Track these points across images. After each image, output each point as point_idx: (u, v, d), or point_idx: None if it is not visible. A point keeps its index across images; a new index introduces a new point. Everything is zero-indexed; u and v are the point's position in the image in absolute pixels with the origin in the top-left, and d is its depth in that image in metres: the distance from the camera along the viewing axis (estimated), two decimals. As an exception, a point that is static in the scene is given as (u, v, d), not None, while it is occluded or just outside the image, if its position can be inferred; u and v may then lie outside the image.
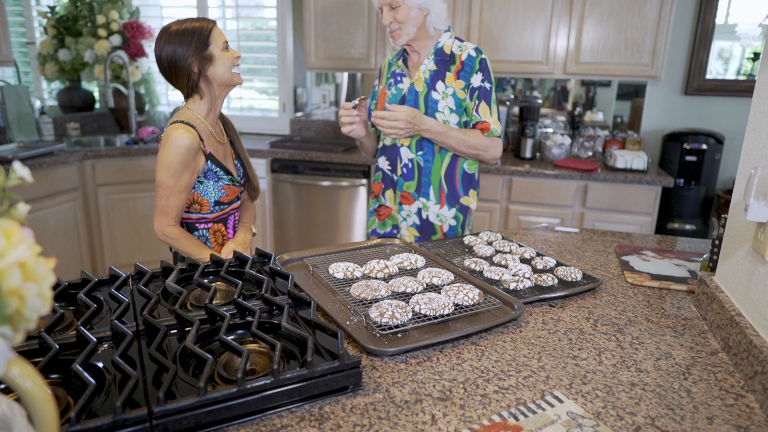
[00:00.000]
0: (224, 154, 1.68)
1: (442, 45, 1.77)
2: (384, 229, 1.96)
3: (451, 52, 1.77)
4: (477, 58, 1.75)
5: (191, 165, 1.53)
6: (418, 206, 1.85)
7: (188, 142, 1.50)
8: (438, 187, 1.83)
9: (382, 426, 0.78)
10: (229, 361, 0.89)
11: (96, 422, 0.67)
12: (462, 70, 1.75)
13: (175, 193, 1.53)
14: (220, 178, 1.61)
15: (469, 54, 1.75)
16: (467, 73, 1.75)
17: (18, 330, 0.45)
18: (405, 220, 1.88)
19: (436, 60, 1.77)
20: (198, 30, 1.53)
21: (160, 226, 1.58)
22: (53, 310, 1.00)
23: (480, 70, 1.75)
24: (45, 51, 3.81)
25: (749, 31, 2.91)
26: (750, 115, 1.09)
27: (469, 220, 1.90)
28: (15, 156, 2.94)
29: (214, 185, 1.61)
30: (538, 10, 3.15)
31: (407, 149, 1.82)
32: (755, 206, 0.92)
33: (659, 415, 0.82)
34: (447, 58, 1.77)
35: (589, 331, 1.10)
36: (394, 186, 1.89)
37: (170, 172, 1.51)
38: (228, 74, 1.57)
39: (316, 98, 4.18)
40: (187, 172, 1.53)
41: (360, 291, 1.17)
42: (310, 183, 3.48)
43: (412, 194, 1.85)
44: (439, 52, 1.77)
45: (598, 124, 3.60)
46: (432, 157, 1.81)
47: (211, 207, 1.63)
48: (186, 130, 1.51)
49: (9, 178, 0.48)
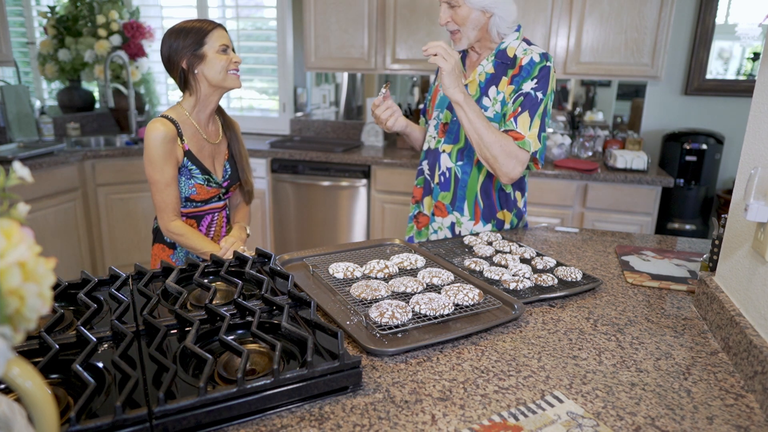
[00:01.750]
0: (211, 153, 1.69)
1: (505, 46, 1.61)
2: (420, 238, 1.82)
3: (514, 55, 1.59)
4: (539, 65, 1.56)
5: (171, 155, 1.57)
6: (451, 220, 1.74)
7: (162, 134, 1.55)
8: (474, 202, 1.71)
9: (382, 426, 0.78)
10: (229, 361, 0.89)
11: (96, 422, 0.67)
12: (518, 74, 1.57)
13: (164, 186, 1.58)
14: (193, 176, 1.64)
15: (532, 59, 1.57)
16: (522, 78, 1.57)
17: (18, 330, 0.45)
18: (435, 232, 1.77)
19: (496, 62, 1.61)
20: (197, 29, 1.57)
21: (164, 223, 1.61)
22: (53, 310, 1.00)
23: (537, 77, 1.55)
24: (45, 51, 3.81)
25: (749, 31, 2.91)
26: (750, 115, 1.09)
27: None
28: (15, 156, 2.94)
29: (185, 182, 1.64)
30: (538, 10, 3.15)
31: (447, 157, 1.71)
32: (755, 206, 0.92)
33: (659, 415, 0.82)
34: (508, 61, 1.60)
35: (589, 331, 1.10)
36: (431, 193, 1.78)
37: (153, 166, 1.56)
38: (219, 76, 1.59)
39: (316, 98, 4.18)
40: (169, 164, 1.57)
41: (360, 291, 1.17)
42: (310, 183, 3.48)
43: (446, 206, 1.74)
44: (500, 54, 1.61)
45: (598, 124, 3.60)
46: (470, 169, 1.69)
47: (182, 202, 1.65)
48: (161, 123, 1.57)
49: (9, 178, 0.48)
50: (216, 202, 1.73)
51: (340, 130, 4.08)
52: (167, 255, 1.72)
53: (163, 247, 1.72)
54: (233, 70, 1.62)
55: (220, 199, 1.74)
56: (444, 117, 1.72)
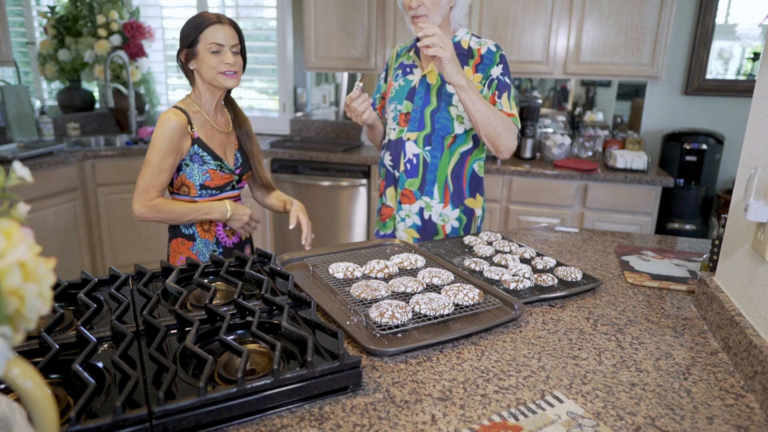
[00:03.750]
0: (222, 142, 1.70)
1: (458, 39, 1.71)
2: (385, 230, 1.88)
3: (469, 47, 1.71)
4: (497, 53, 1.69)
5: (177, 146, 1.58)
6: (420, 206, 1.77)
7: (175, 124, 1.56)
8: (444, 185, 1.75)
9: (382, 426, 0.78)
10: (229, 361, 0.89)
11: (96, 422, 0.67)
12: (481, 63, 1.68)
13: (158, 171, 1.58)
14: (205, 162, 1.64)
15: (489, 48, 1.69)
16: (486, 66, 1.68)
17: (18, 330, 0.45)
18: (403, 220, 1.80)
19: None
20: (196, 24, 1.57)
21: (142, 203, 1.58)
22: (53, 310, 1.00)
23: (500, 64, 1.68)
24: (45, 51, 3.81)
25: (749, 31, 2.91)
26: (750, 115, 1.09)
27: (473, 225, 1.82)
28: (15, 156, 2.94)
29: (198, 168, 1.63)
30: (538, 10, 3.15)
31: (413, 144, 1.74)
32: (755, 206, 0.92)
33: (659, 415, 0.82)
34: (465, 52, 1.70)
35: (589, 331, 1.10)
36: (395, 183, 1.81)
37: (155, 150, 1.57)
38: (210, 75, 1.59)
39: (316, 98, 4.18)
40: (172, 154, 1.58)
41: (360, 291, 1.17)
42: (310, 183, 3.48)
43: (414, 192, 1.77)
44: (456, 46, 1.70)
45: (598, 124, 3.60)
46: (440, 153, 1.74)
47: (198, 191, 1.65)
48: (174, 113, 1.58)
49: (9, 178, 0.48)
50: (231, 190, 1.73)
51: (340, 130, 4.08)
52: (187, 248, 1.70)
53: (182, 240, 1.71)
54: (226, 71, 1.59)
55: (234, 187, 1.74)
56: (404, 107, 1.76)
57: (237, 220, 1.69)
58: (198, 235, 1.70)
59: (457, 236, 1.76)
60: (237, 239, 1.78)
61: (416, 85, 1.74)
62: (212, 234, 1.71)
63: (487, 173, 3.09)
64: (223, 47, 1.57)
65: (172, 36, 4.19)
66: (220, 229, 1.73)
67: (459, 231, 1.81)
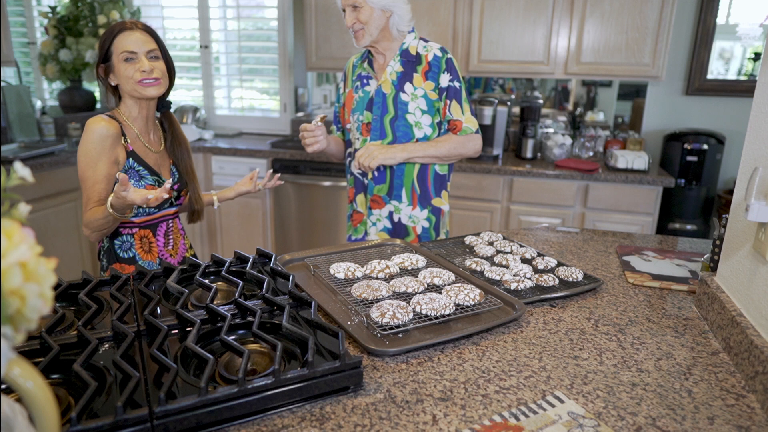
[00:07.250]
0: (156, 160, 1.60)
1: (407, 46, 1.77)
2: (357, 235, 1.94)
3: (417, 52, 1.76)
4: (443, 58, 1.74)
5: (108, 153, 1.47)
6: (389, 209, 1.84)
7: (105, 130, 1.45)
8: (411, 188, 1.82)
9: (383, 426, 0.78)
10: (230, 361, 0.89)
11: (97, 422, 0.67)
12: (429, 70, 1.75)
13: (92, 184, 1.46)
14: (142, 177, 1.53)
15: (435, 54, 1.75)
16: (435, 74, 1.75)
17: (19, 330, 0.45)
18: (374, 224, 1.86)
19: (402, 61, 1.76)
20: (105, 35, 1.48)
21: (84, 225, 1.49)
22: (54, 311, 1.00)
23: (447, 70, 1.74)
24: (46, 51, 3.81)
25: (750, 31, 2.90)
26: (751, 115, 1.09)
27: (443, 222, 1.89)
28: (16, 156, 2.95)
29: (135, 184, 1.52)
30: (539, 10, 3.15)
31: None
32: (756, 206, 0.92)
33: (660, 415, 0.82)
34: (413, 59, 1.76)
35: (590, 331, 1.10)
36: (365, 190, 1.87)
37: (87, 161, 1.45)
38: (128, 86, 1.48)
39: (317, 98, 4.18)
40: (103, 160, 1.46)
41: (361, 291, 1.17)
42: (311, 183, 3.48)
43: (383, 198, 1.83)
44: (404, 53, 1.76)
45: (599, 124, 3.60)
46: None
47: (134, 209, 1.46)
48: (104, 119, 1.48)
49: (10, 178, 0.48)
50: (168, 207, 1.64)
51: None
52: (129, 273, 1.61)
53: (121, 266, 1.59)
54: (143, 80, 1.47)
55: (172, 204, 1.64)
56: (365, 117, 1.81)
57: (120, 197, 1.37)
58: (139, 257, 1.60)
59: (458, 236, 1.76)
60: (181, 258, 1.70)
61: (373, 96, 1.79)
62: (154, 255, 1.62)
63: (487, 173, 3.09)
64: (137, 54, 1.46)
65: (174, 36, 4.19)
66: (161, 247, 1.64)
67: (429, 230, 1.87)
